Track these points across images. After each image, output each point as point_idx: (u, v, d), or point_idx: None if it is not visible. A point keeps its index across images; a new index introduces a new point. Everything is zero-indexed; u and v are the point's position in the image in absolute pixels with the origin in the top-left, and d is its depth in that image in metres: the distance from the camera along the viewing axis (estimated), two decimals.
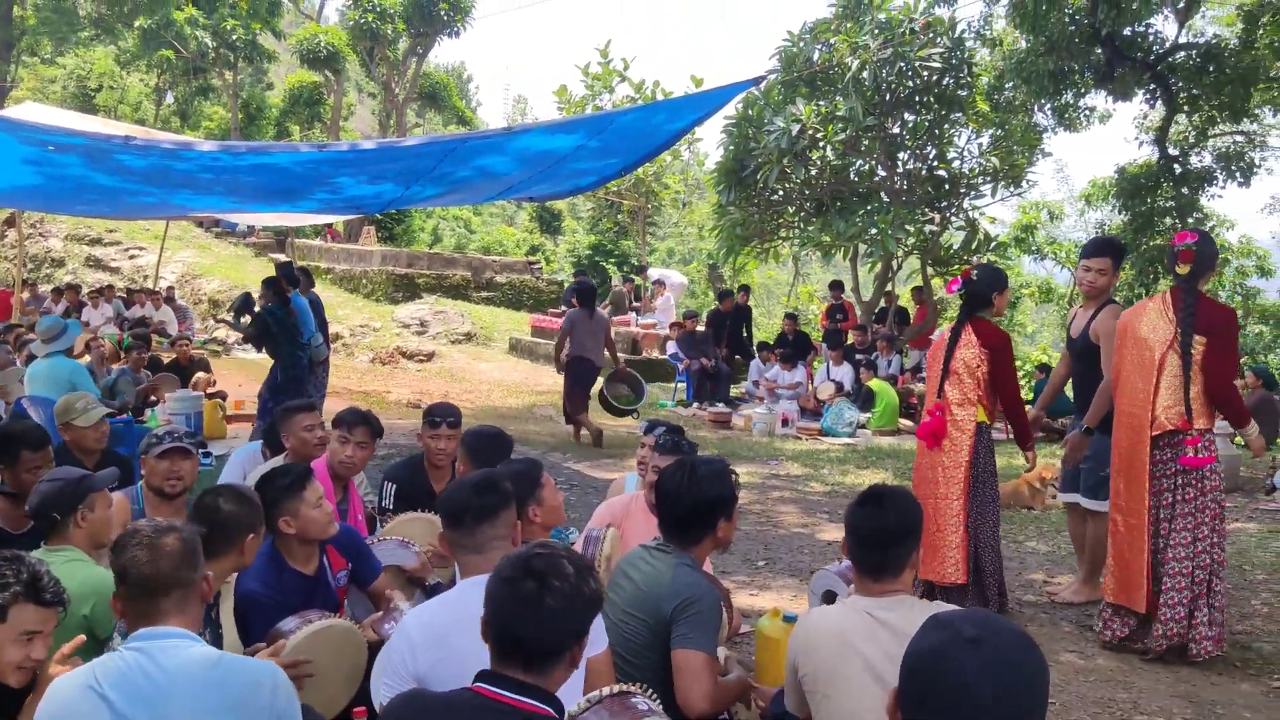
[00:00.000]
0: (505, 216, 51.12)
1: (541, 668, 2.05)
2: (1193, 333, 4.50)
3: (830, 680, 2.68)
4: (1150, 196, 17.39)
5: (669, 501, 3.22)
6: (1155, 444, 4.59)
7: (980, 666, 1.46)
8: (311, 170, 7.07)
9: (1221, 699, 4.19)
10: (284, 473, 3.67)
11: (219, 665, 2.35)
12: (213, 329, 18.85)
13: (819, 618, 2.82)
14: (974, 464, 5.04)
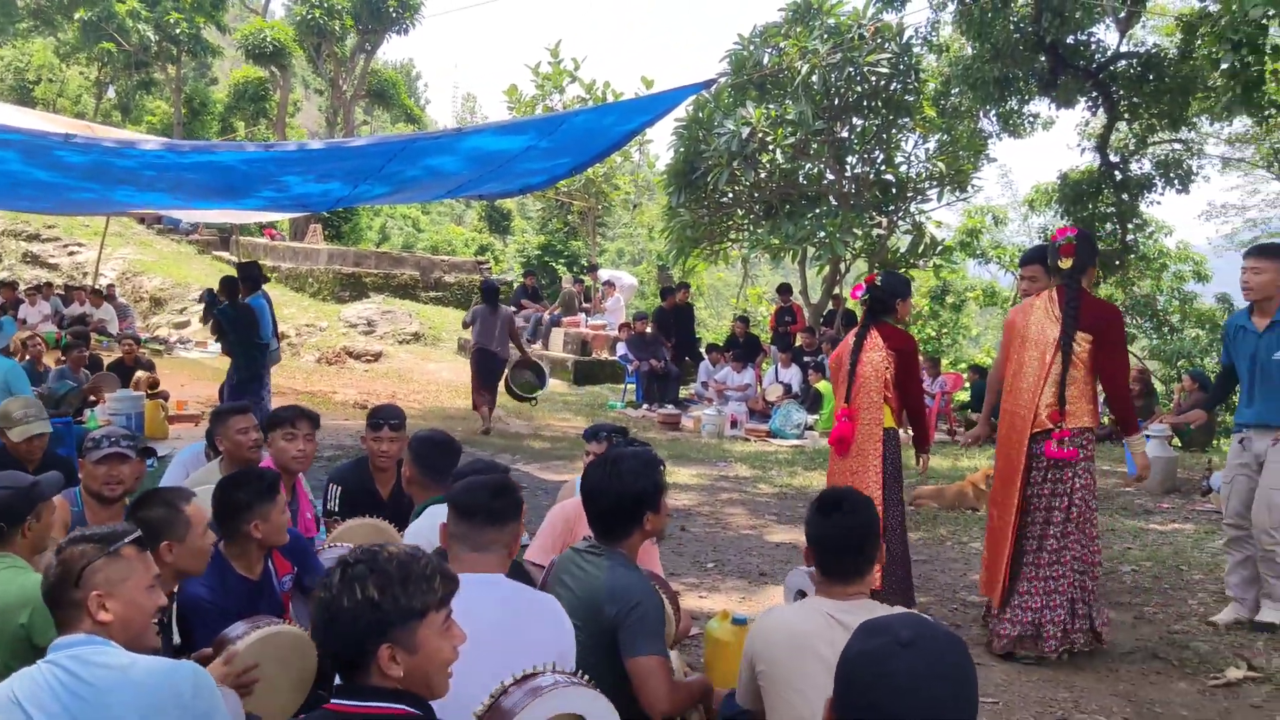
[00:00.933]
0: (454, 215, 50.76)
1: (362, 672, 2.02)
2: (1075, 330, 4.54)
3: (788, 680, 2.70)
4: (1092, 202, 17.72)
5: (593, 498, 3.19)
6: (1034, 440, 4.63)
7: (916, 669, 1.49)
8: (257, 169, 6.97)
9: (1160, 698, 4.28)
10: (258, 476, 3.63)
11: (133, 668, 2.26)
12: (154, 327, 18.53)
13: (779, 617, 2.84)
14: (883, 468, 5.01)
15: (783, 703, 2.69)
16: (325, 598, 2.01)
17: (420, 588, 2.03)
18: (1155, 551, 6.61)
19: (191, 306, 19.23)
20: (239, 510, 3.50)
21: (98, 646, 2.28)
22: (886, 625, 1.57)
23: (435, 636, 2.05)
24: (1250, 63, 10.21)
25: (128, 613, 2.35)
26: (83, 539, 2.37)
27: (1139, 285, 21.47)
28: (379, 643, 1.97)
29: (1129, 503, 8.29)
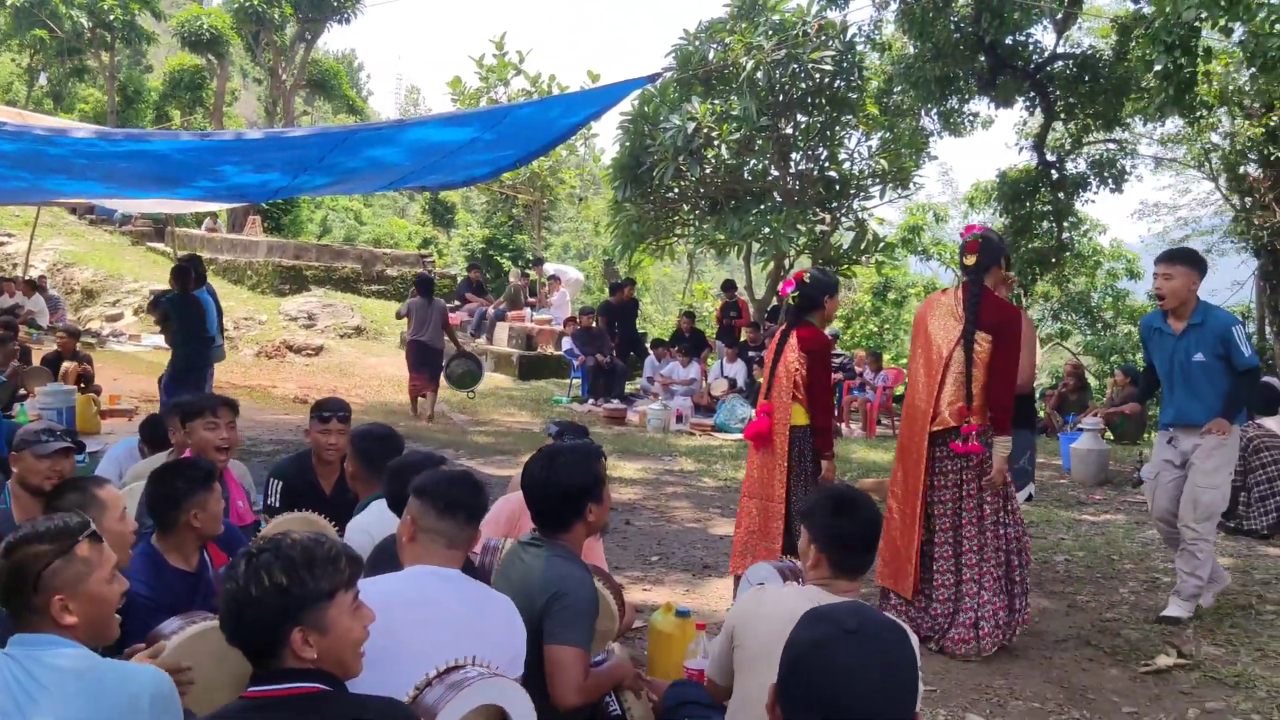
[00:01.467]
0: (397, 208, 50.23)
1: (275, 658, 2.04)
2: (976, 329, 4.60)
3: (766, 658, 2.71)
4: (1029, 201, 18.03)
5: (534, 491, 3.20)
6: (935, 439, 4.69)
7: (861, 657, 1.51)
8: (193, 158, 6.83)
9: (1092, 684, 4.38)
10: (193, 466, 3.58)
11: (92, 673, 2.21)
12: (86, 320, 18.10)
13: (773, 597, 2.87)
14: (792, 466, 5.01)
15: (756, 682, 2.70)
16: (232, 588, 2.02)
17: (326, 570, 2.05)
18: (1088, 542, 6.75)
19: (125, 299, 18.83)
20: (177, 500, 3.44)
21: (59, 649, 2.22)
22: (832, 614, 1.59)
23: (345, 617, 2.07)
24: (1183, 64, 10.46)
25: (91, 610, 2.31)
26: (34, 538, 2.29)
27: (1074, 282, 21.91)
28: (291, 627, 1.99)
29: (1063, 494, 8.46)
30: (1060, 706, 4.12)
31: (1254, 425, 6.97)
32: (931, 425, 4.69)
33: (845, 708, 1.50)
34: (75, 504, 3.00)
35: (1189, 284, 4.96)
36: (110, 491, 3.13)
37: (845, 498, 3.01)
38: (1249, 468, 6.83)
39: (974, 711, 4.03)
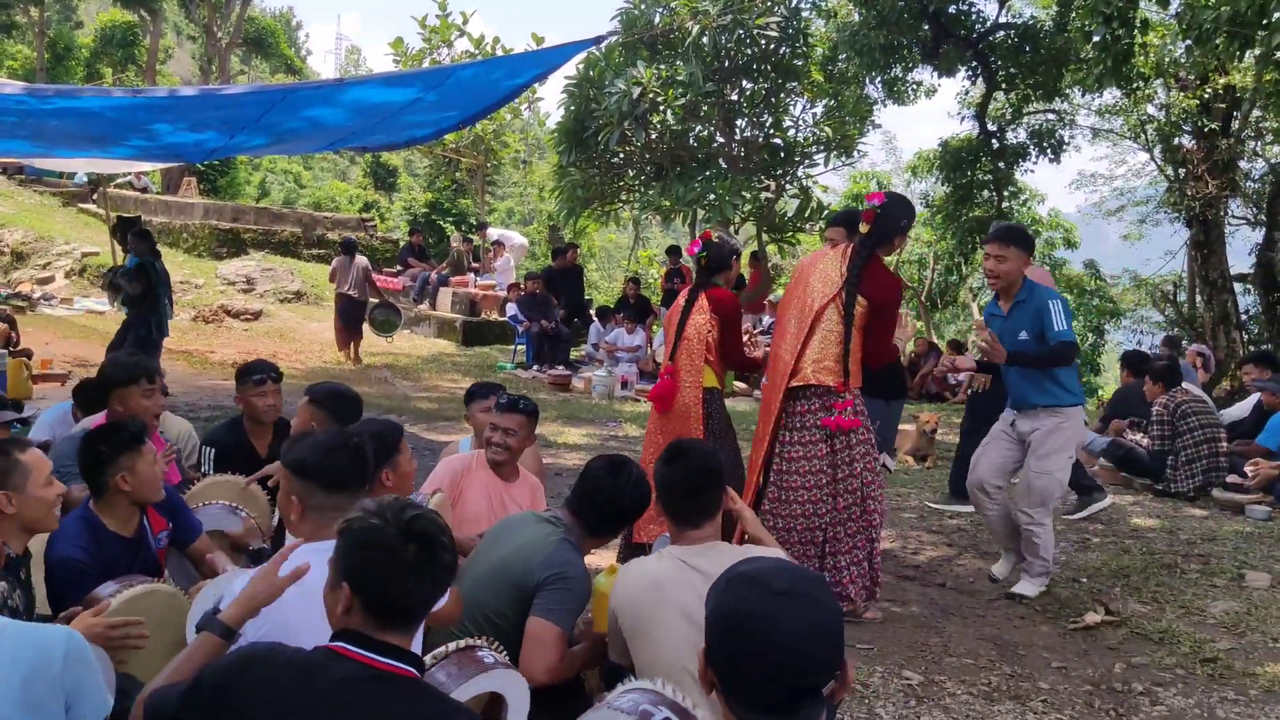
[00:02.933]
0: (338, 171, 49.39)
1: (408, 629, 1.99)
2: (856, 293, 4.50)
3: (649, 626, 2.77)
4: (970, 169, 18.22)
5: (602, 496, 3.26)
6: (792, 394, 4.61)
7: (792, 617, 1.53)
8: (126, 116, 6.66)
9: (1023, 641, 4.50)
10: (119, 428, 3.50)
11: (3, 633, 2.14)
12: (16, 283, 17.61)
13: (635, 569, 2.92)
14: (707, 430, 4.91)
15: (645, 649, 2.76)
16: (447, 551, 2.03)
17: None
18: None
19: (56, 261, 18.34)
20: (102, 463, 3.39)
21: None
22: (757, 576, 1.60)
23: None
24: (1120, 36, 10.63)
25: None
26: None
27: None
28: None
29: None
30: (992, 662, 4.23)
31: (1182, 391, 7.17)
32: (790, 380, 4.59)
33: (783, 668, 1.52)
34: None
35: (1020, 265, 4.85)
36: (34, 455, 3.05)
37: (674, 448, 3.07)
38: (1176, 432, 7.02)
39: (910, 668, 4.13)
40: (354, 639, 1.94)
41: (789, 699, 1.54)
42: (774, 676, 1.53)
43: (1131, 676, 4.12)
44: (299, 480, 2.79)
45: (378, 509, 2.06)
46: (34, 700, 2.10)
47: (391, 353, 14.75)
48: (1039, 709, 3.81)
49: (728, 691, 1.58)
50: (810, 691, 1.54)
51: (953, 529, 6.34)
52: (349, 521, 2.06)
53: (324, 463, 2.77)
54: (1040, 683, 4.05)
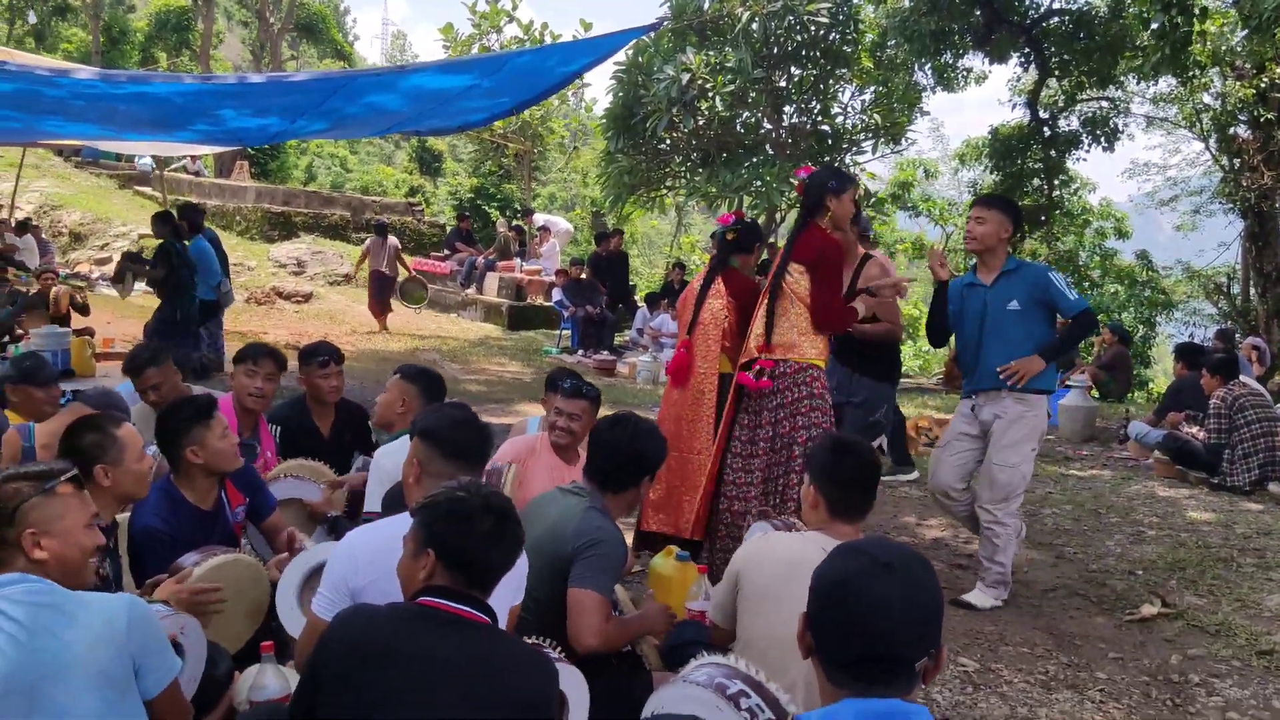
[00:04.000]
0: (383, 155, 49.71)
1: (484, 591, 2.19)
2: (789, 260, 4.52)
3: (772, 601, 2.83)
4: (1020, 158, 18.03)
5: (605, 450, 3.36)
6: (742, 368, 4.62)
7: (894, 589, 1.59)
8: (193, 101, 6.82)
9: (1079, 631, 4.51)
10: (189, 403, 3.62)
11: (68, 605, 2.23)
12: (74, 263, 17.97)
13: (775, 542, 2.99)
14: (718, 412, 4.82)
15: (760, 621, 2.83)
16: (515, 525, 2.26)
17: None
18: (1074, 496, 6.89)
19: (114, 243, 18.69)
20: (174, 436, 3.51)
21: (31, 584, 2.23)
22: (865, 548, 1.67)
23: None
24: (1179, 23, 10.48)
25: (63, 551, 2.34)
26: (18, 476, 2.35)
27: (1062, 240, 21.97)
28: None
29: (1050, 450, 8.59)
30: (1049, 652, 4.26)
31: (1239, 384, 7.10)
32: (741, 357, 4.66)
33: (879, 637, 1.58)
34: (94, 443, 3.05)
35: (1000, 230, 4.69)
36: (129, 430, 3.18)
37: (843, 443, 3.13)
38: (1234, 425, 6.97)
39: (966, 655, 4.16)
40: (439, 593, 2.15)
41: (879, 668, 1.60)
42: (866, 644, 1.59)
43: (1188, 668, 4.13)
44: (425, 445, 2.97)
45: (460, 485, 2.30)
46: (104, 667, 2.19)
47: (439, 336, 14.92)
48: (1096, 698, 3.83)
49: (823, 655, 1.64)
50: (901, 663, 1.60)
51: None
52: (433, 496, 2.27)
53: (451, 433, 2.97)
54: (1098, 673, 4.07)
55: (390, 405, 4.41)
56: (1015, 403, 4.64)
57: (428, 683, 2.04)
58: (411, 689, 2.03)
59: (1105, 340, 11.84)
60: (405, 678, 2.04)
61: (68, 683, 2.13)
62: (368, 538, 2.82)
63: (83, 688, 2.14)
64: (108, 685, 2.18)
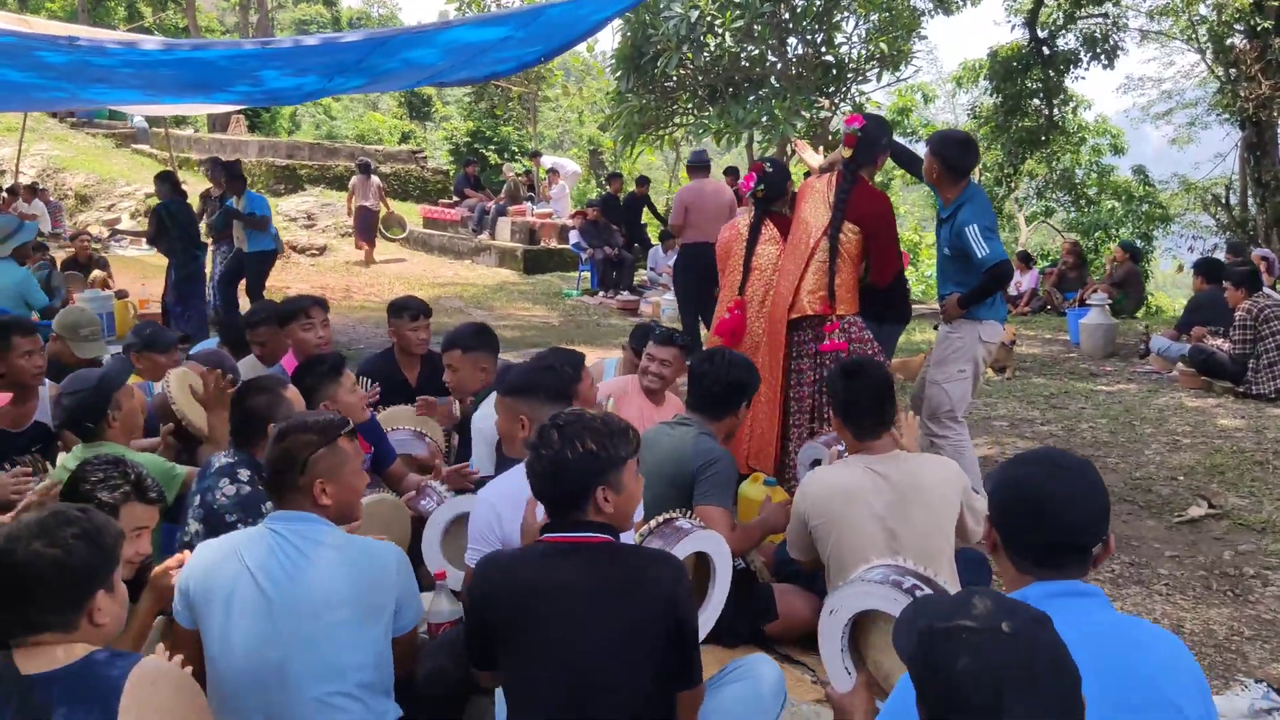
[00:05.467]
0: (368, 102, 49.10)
1: (578, 510, 2.36)
2: (842, 219, 4.56)
3: (840, 526, 3.15)
4: (1020, 78, 18.13)
5: (706, 380, 3.65)
6: (795, 326, 4.71)
7: (1072, 487, 1.88)
8: (237, 64, 6.96)
9: (1134, 534, 4.85)
10: (321, 361, 3.89)
11: (349, 547, 2.55)
12: (83, 225, 18.03)
13: (827, 476, 3.28)
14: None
15: (835, 548, 3.13)
16: (549, 454, 2.33)
17: (623, 439, 2.38)
18: (1107, 410, 7.20)
19: (120, 203, 18.74)
20: (309, 393, 3.76)
21: (317, 525, 2.55)
22: (1041, 456, 1.95)
23: (632, 479, 2.41)
24: None
25: (342, 495, 2.62)
26: (304, 428, 2.62)
27: (1059, 159, 22.11)
28: (597, 485, 2.32)
29: (1075, 367, 8.91)
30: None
31: (1264, 295, 7.38)
32: (790, 312, 4.70)
33: (1060, 528, 1.86)
34: (265, 404, 3.30)
35: (931, 169, 4.68)
36: (294, 391, 3.46)
37: (852, 366, 3.43)
38: (1259, 336, 7.25)
39: None
40: (556, 528, 2.39)
41: (1060, 555, 1.88)
42: (1049, 535, 1.87)
43: (1241, 562, 4.46)
44: (524, 400, 3.24)
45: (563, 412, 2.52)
46: (375, 603, 2.53)
47: (457, 283, 15.11)
48: (1163, 591, 4.17)
49: (1009, 548, 1.93)
50: (1079, 550, 1.89)
51: (1045, 434, 6.65)
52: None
53: (542, 379, 3.28)
54: (1159, 569, 4.41)
55: (470, 379, 4.56)
56: (945, 327, 4.78)
57: (571, 607, 2.27)
58: (559, 615, 2.27)
59: (1117, 258, 12.11)
60: (556, 604, 2.28)
61: (345, 612, 2.45)
62: (501, 490, 3.09)
63: (358, 618, 2.47)
64: (375, 619, 2.51)
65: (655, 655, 2.25)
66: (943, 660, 1.44)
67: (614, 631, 2.24)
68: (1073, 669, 1.43)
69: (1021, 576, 1.92)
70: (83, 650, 1.95)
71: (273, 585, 2.43)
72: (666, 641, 2.25)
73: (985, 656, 1.42)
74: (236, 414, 3.32)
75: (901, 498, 3.13)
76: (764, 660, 2.75)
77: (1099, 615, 1.83)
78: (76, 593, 1.98)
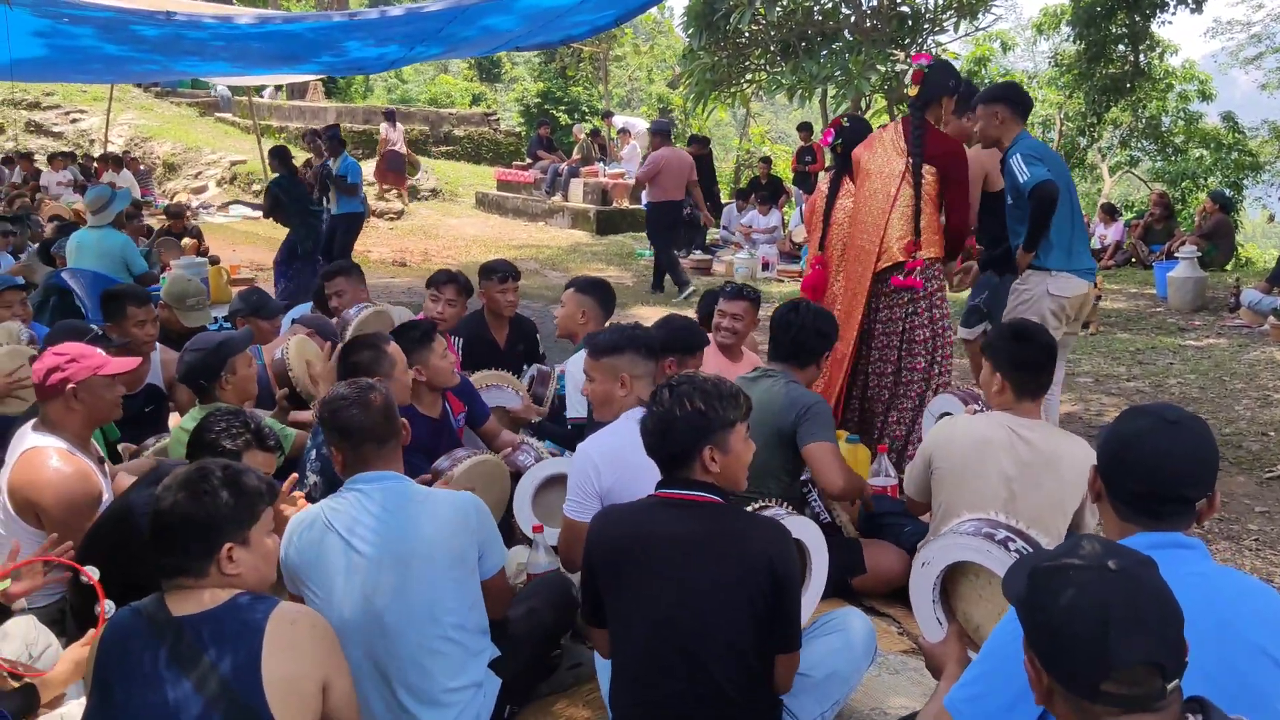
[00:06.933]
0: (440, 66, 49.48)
1: (686, 469, 2.45)
2: (922, 161, 4.52)
3: (967, 477, 3.20)
4: (1105, 24, 17.61)
5: (789, 330, 3.78)
6: (880, 277, 4.65)
7: (1181, 441, 1.92)
8: (322, 35, 7.14)
9: (1224, 490, 4.73)
10: (413, 327, 4.05)
11: (430, 499, 2.71)
12: (171, 193, 18.57)
13: (964, 424, 3.34)
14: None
15: (955, 495, 3.18)
16: (659, 410, 2.44)
17: (732, 402, 2.46)
18: (1196, 365, 7.09)
19: (206, 171, 19.24)
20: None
21: (400, 481, 2.72)
22: (1153, 409, 1.99)
23: (740, 442, 2.49)
24: None
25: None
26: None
27: (1145, 108, 21.45)
28: (703, 445, 2.41)
29: (1162, 322, 8.76)
30: None
31: None
32: (878, 264, 4.64)
33: (1167, 480, 1.91)
34: (369, 360, 3.48)
35: (989, 123, 4.57)
36: (395, 348, 3.62)
37: (1023, 327, 3.43)
38: None
39: None
40: (667, 484, 2.49)
41: (1166, 507, 1.92)
42: (1156, 486, 1.91)
43: None
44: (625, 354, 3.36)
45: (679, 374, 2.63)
46: (461, 551, 2.68)
47: (531, 245, 15.27)
48: (1253, 546, 4.16)
49: (1114, 496, 1.98)
50: (1185, 503, 1.93)
51: (1131, 390, 6.59)
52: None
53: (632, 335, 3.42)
54: (1249, 525, 4.39)
55: (572, 317, 4.80)
56: (1017, 279, 4.66)
57: (678, 556, 2.39)
58: (666, 561, 2.39)
59: (1206, 209, 11.80)
60: (660, 553, 2.40)
61: (433, 561, 2.60)
62: (599, 444, 3.21)
63: (445, 565, 2.62)
64: (461, 565, 2.66)
65: (755, 613, 2.34)
66: (1049, 595, 1.50)
67: (715, 584, 2.35)
68: (1177, 610, 1.48)
69: (1124, 525, 1.97)
70: (227, 595, 2.12)
71: (364, 543, 2.58)
72: (765, 602, 2.33)
73: (1091, 591, 1.46)
74: (342, 370, 3.49)
75: (1034, 465, 3.14)
76: (855, 613, 2.84)
77: (1199, 566, 1.88)
78: (204, 543, 2.13)
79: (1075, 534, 1.67)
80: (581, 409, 4.38)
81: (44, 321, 5.66)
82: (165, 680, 2.01)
